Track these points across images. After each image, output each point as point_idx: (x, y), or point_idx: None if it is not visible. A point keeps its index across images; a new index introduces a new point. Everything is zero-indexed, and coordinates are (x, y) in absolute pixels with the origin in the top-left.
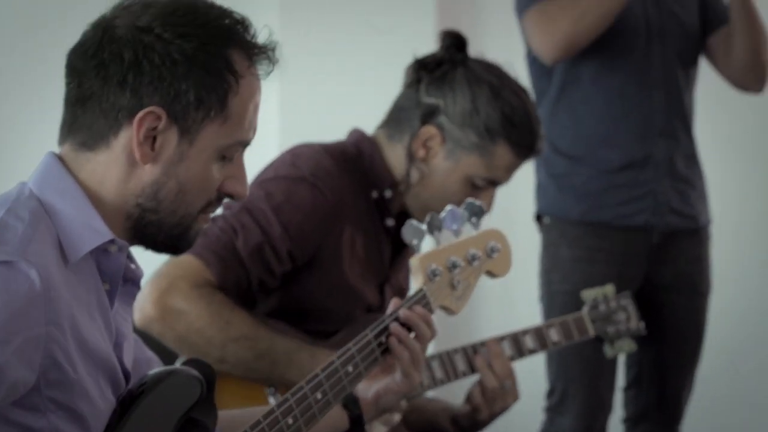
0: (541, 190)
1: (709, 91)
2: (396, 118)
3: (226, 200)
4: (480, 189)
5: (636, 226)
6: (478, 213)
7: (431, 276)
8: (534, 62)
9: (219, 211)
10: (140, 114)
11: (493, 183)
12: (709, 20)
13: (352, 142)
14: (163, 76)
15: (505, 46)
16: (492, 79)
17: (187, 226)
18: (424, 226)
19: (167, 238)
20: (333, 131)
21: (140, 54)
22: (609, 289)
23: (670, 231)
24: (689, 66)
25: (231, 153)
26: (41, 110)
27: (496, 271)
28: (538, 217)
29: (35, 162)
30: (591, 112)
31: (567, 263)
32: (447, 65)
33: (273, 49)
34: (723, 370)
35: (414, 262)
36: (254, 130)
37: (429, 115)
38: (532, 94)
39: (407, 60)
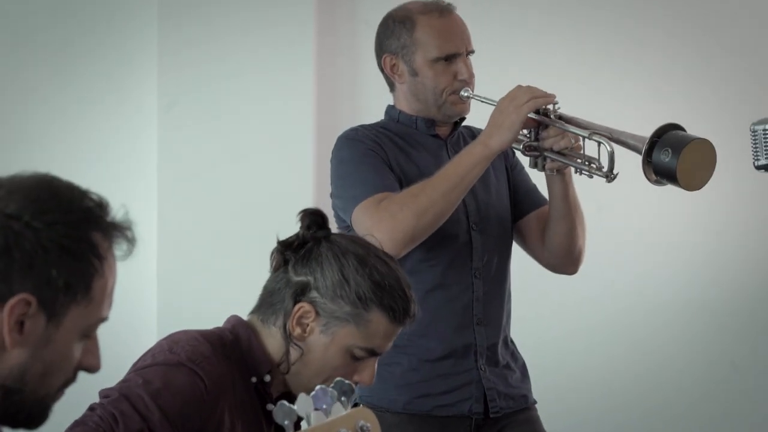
0: None
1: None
2: (268, 302)
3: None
4: (361, 360)
5: (460, 414)
6: (347, 392)
7: None
8: None
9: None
10: (12, 301)
11: (373, 353)
12: (520, 203)
13: (228, 328)
14: (33, 263)
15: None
16: (357, 249)
17: (46, 405)
18: (294, 407)
19: (26, 417)
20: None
21: (11, 241)
22: None
23: (502, 416)
24: (506, 253)
25: (91, 331)
26: None
27: None
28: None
29: None
30: None
31: None
32: (311, 243)
33: (130, 228)
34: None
35: None
36: (111, 306)
37: (300, 293)
38: (397, 262)
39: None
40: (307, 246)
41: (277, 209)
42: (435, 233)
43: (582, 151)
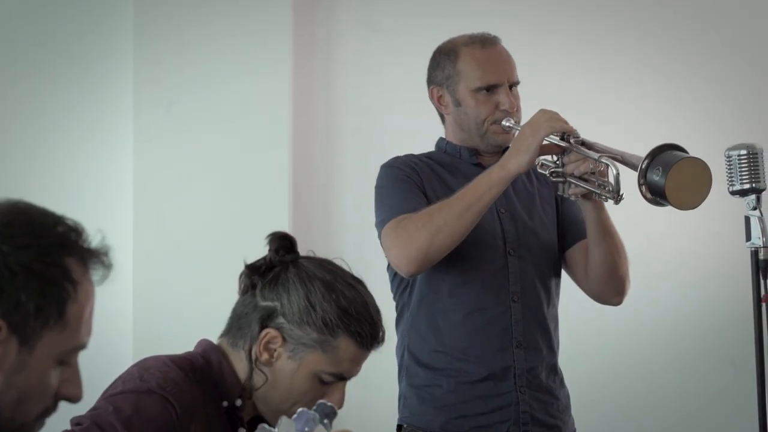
0: (402, 401)
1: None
2: (236, 326)
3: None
4: (329, 385)
5: None
6: (329, 414)
7: None
8: (395, 277)
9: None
10: None
11: (342, 377)
12: (566, 234)
13: (199, 353)
14: (2, 287)
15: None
16: (324, 274)
17: None
18: (275, 430)
19: None
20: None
21: None
22: None
23: None
24: (549, 280)
25: (69, 358)
26: None
27: None
28: (399, 428)
29: None
30: (450, 325)
31: None
32: (278, 267)
33: (106, 253)
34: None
35: None
36: (90, 333)
37: (267, 318)
38: (366, 286)
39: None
40: (275, 270)
41: (254, 223)
42: (471, 257)
43: (605, 178)
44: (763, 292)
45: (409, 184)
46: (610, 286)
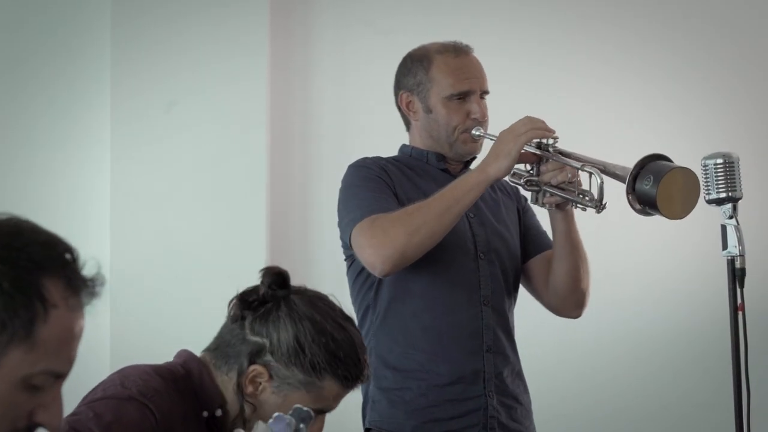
0: (370, 404)
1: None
2: (223, 352)
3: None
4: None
5: None
6: (305, 419)
7: None
8: (358, 276)
9: None
10: None
11: (322, 411)
12: (528, 244)
13: (180, 363)
14: None
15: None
16: (314, 314)
17: None
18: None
19: None
20: None
21: None
22: None
23: None
24: (513, 286)
25: (40, 382)
26: None
27: None
28: (367, 431)
29: None
30: (420, 327)
31: None
32: (270, 303)
33: (96, 283)
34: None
35: None
36: (70, 361)
37: (255, 354)
38: (355, 322)
39: None
40: (267, 306)
41: (232, 230)
42: (443, 259)
43: (581, 186)
44: (739, 301)
45: (379, 183)
46: (570, 300)
